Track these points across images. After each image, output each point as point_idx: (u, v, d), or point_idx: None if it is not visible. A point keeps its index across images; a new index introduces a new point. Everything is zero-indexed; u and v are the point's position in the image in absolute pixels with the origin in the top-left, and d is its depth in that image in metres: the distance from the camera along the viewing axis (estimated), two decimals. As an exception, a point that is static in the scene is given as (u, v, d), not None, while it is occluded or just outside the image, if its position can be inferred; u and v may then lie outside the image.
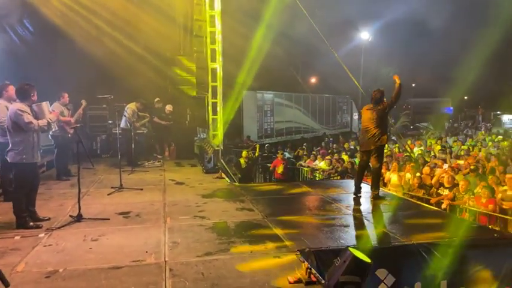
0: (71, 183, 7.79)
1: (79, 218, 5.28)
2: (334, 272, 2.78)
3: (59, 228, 5.00)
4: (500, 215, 7.00)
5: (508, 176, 8.00)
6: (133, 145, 9.27)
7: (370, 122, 6.54)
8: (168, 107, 11.80)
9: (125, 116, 9.53)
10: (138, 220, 5.45)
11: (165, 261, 4.00)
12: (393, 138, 15.88)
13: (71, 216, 5.41)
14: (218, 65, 11.48)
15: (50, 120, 5.12)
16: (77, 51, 10.54)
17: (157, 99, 11.65)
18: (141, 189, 7.23)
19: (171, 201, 6.46)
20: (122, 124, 9.67)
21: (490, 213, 7.09)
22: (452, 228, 5.18)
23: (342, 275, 2.48)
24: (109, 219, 5.40)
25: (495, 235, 5.17)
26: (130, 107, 9.86)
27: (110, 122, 11.38)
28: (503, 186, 7.93)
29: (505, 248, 4.87)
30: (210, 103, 11.51)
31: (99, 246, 4.45)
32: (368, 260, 2.48)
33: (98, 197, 6.76)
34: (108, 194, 6.89)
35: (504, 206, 7.27)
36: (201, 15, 11.78)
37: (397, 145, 14.46)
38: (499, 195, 7.47)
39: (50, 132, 7.06)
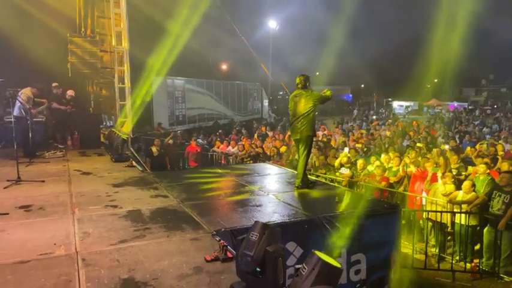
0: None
1: (-30, 215, 4.75)
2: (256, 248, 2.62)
3: None
4: (389, 189, 8.00)
5: (395, 154, 9.13)
6: (30, 134, 8.47)
7: (298, 109, 6.35)
8: (70, 92, 10.98)
9: (19, 103, 8.63)
10: (41, 213, 5.07)
11: (77, 252, 3.83)
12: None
13: (-40, 213, 4.84)
14: (124, 49, 10.97)
15: None
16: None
17: (55, 84, 10.72)
18: (43, 181, 6.69)
19: (78, 192, 6.10)
20: (16, 112, 8.74)
21: (382, 188, 8.06)
22: (351, 202, 5.81)
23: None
24: (8, 213, 4.94)
25: (385, 206, 5.91)
26: (25, 93, 8.95)
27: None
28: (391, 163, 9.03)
29: (392, 215, 5.63)
30: (116, 88, 11.00)
31: (-1, 242, 4.08)
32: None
33: (-9, 191, 6.10)
34: (4, 188, 6.25)
35: (391, 181, 8.31)
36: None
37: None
38: (387, 173, 8.50)
39: None
